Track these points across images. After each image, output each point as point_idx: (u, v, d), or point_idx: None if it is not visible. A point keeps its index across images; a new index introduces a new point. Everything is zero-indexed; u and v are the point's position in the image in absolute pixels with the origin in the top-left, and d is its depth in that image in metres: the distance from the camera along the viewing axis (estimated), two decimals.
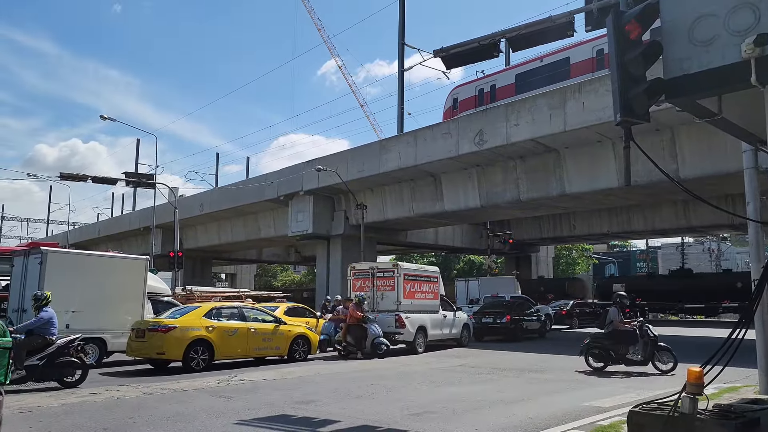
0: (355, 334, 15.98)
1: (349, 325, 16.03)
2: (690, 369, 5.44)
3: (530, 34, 9.71)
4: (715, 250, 58.95)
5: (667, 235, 46.53)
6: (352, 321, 16.02)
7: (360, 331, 15.96)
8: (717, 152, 17.69)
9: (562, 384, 11.13)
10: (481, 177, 24.67)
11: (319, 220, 30.74)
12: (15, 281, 13.88)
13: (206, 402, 8.99)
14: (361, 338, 15.94)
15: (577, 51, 24.16)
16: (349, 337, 16.03)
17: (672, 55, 4.83)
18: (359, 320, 15.91)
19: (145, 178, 32.26)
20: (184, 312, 13.69)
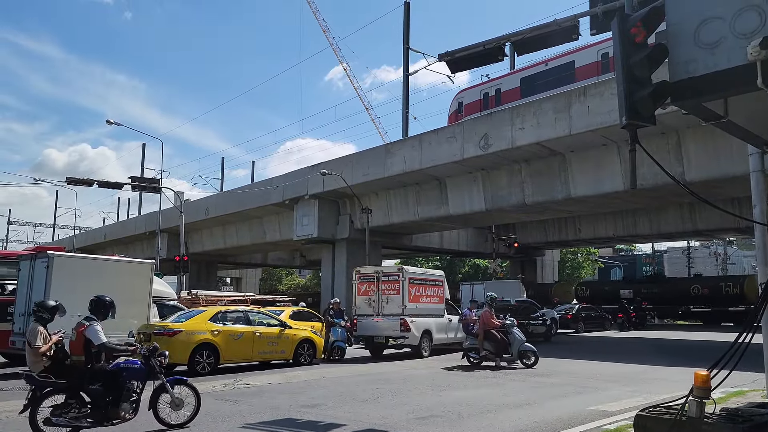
0: (495, 341, 14.69)
1: (487, 331, 14.73)
2: (697, 373, 5.42)
3: (535, 38, 9.75)
4: (722, 253, 58.68)
5: (673, 239, 46.35)
6: (490, 327, 14.72)
7: (500, 337, 14.70)
8: (723, 155, 17.64)
9: (568, 388, 11.09)
10: (486, 181, 24.65)
11: (324, 224, 30.76)
12: (21, 285, 13.93)
13: (212, 406, 8.99)
14: (502, 345, 14.68)
15: (582, 55, 24.15)
16: (487, 344, 14.71)
17: (677, 57, 4.82)
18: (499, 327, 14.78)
19: (151, 183, 32.40)
20: (190, 316, 13.73)
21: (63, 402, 6.75)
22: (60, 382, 6.80)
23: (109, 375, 6.99)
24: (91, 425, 6.78)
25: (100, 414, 6.80)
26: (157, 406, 7.34)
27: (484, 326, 14.81)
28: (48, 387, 6.78)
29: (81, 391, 6.83)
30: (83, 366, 7.01)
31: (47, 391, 6.77)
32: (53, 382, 6.79)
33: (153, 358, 7.25)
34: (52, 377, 6.82)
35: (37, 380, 6.75)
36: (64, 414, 6.63)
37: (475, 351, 14.93)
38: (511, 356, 14.64)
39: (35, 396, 6.73)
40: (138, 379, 7.15)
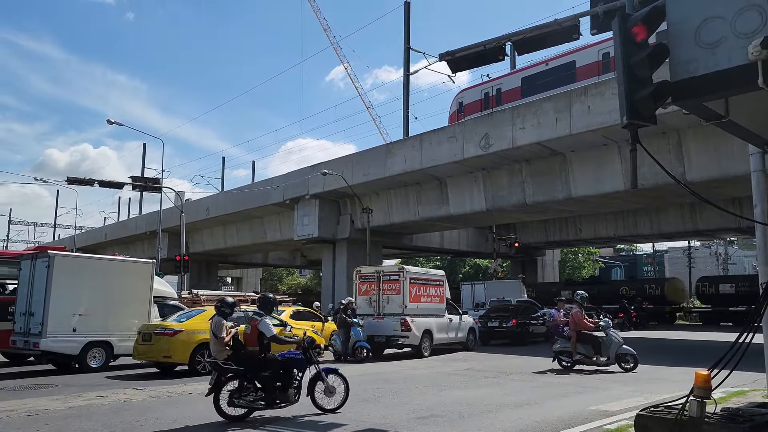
0: (590, 343, 13.90)
1: (580, 332, 13.95)
2: (697, 373, 5.42)
3: (536, 38, 9.75)
4: (722, 253, 58.65)
5: (674, 239, 46.32)
6: (582, 328, 13.95)
7: (593, 339, 13.91)
8: (724, 155, 17.63)
9: (569, 388, 11.09)
10: (487, 180, 24.64)
11: (325, 224, 30.76)
12: (22, 285, 13.94)
13: (211, 405, 8.98)
14: (595, 347, 13.88)
15: (583, 54, 24.15)
16: (581, 346, 13.95)
17: (678, 57, 4.82)
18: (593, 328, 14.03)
19: (152, 183, 32.40)
20: (191, 315, 13.72)
21: (238, 387, 7.76)
22: (239, 369, 7.79)
23: (278, 364, 8.01)
24: (263, 407, 7.85)
25: (270, 398, 7.85)
26: (314, 392, 8.23)
27: (576, 327, 13.94)
28: (229, 373, 7.78)
29: (255, 378, 7.83)
30: (257, 356, 7.94)
31: (228, 377, 7.78)
32: (234, 369, 7.78)
33: (311, 350, 8.22)
34: (233, 364, 7.81)
35: (222, 367, 7.75)
36: (243, 397, 7.73)
37: (568, 354, 13.99)
38: (607, 359, 13.71)
39: (219, 381, 7.74)
40: (299, 368, 8.13)
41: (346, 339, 16.58)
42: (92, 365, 13.53)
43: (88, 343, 13.55)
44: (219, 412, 7.72)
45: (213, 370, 7.84)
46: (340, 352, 16.48)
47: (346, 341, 16.55)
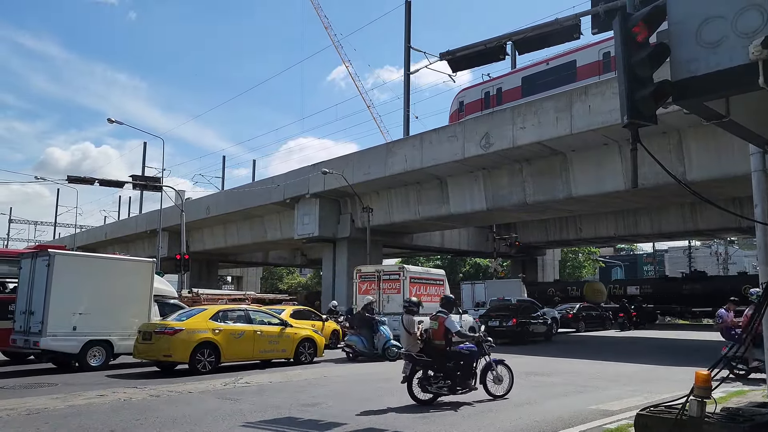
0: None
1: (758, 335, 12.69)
2: (698, 372, 5.41)
3: (537, 37, 9.73)
4: (723, 253, 58.63)
5: (674, 239, 46.30)
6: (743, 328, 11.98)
7: None
8: (724, 155, 17.63)
9: (568, 387, 11.09)
10: (487, 180, 24.64)
11: (325, 223, 30.78)
12: (23, 284, 13.93)
13: (212, 404, 9.00)
14: None
15: (584, 54, 24.13)
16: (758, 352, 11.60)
17: (679, 56, 4.82)
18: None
19: (152, 181, 32.34)
20: (191, 314, 13.72)
21: (424, 376, 9.07)
22: (428, 360, 9.10)
23: (460, 356, 9.29)
24: (447, 393, 9.13)
25: (454, 385, 9.14)
26: (485, 380, 9.51)
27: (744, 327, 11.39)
28: (420, 363, 9.10)
29: (441, 368, 9.10)
30: (443, 348, 9.22)
31: (419, 366, 9.10)
32: (424, 360, 9.10)
33: (483, 343, 9.63)
34: (424, 356, 9.13)
35: (414, 358, 9.15)
36: (432, 384, 9.04)
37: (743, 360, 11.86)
38: None
39: (413, 370, 9.12)
40: (475, 359, 9.45)
41: (369, 338, 16.27)
42: (92, 364, 13.52)
43: (88, 342, 13.54)
44: (411, 397, 8.98)
45: (407, 361, 9.31)
46: (364, 352, 16.15)
47: (370, 341, 16.26)
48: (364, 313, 16.66)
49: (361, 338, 16.27)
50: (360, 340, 16.24)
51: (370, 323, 16.34)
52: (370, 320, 16.37)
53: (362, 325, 16.50)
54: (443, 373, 9.11)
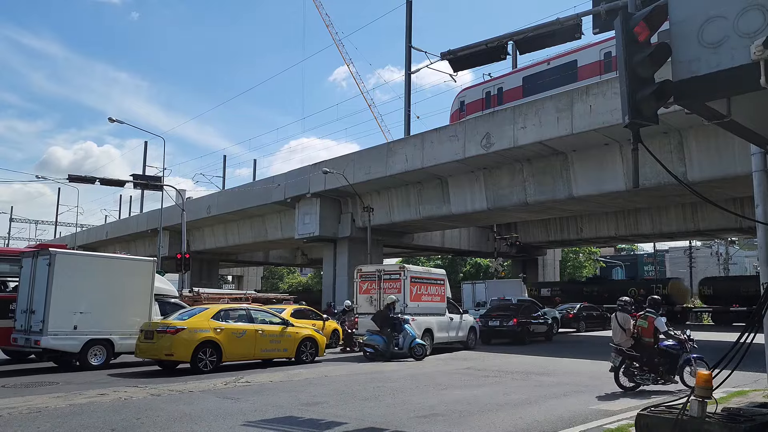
0: None
1: None
2: (699, 372, 5.42)
3: (538, 37, 9.70)
4: (723, 253, 58.59)
5: (675, 239, 46.28)
6: None
7: None
8: (726, 155, 17.62)
9: (569, 387, 11.10)
10: (488, 180, 24.64)
11: (326, 223, 30.77)
12: (24, 283, 13.95)
13: (213, 403, 9.01)
14: None
15: (585, 54, 24.12)
16: None
17: (681, 56, 4.82)
18: None
19: (153, 181, 32.36)
20: (192, 314, 13.73)
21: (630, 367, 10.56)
22: (636, 354, 10.55)
23: (667, 352, 10.60)
24: (649, 383, 10.51)
25: (656, 377, 10.50)
26: (683, 373, 10.59)
27: None
28: (630, 357, 10.56)
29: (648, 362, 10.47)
30: (651, 345, 10.58)
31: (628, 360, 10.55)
32: (633, 354, 10.56)
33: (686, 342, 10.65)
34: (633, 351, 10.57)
35: (625, 353, 10.59)
36: (638, 375, 10.51)
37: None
38: None
39: (621, 362, 10.61)
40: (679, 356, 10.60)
41: (389, 338, 16.16)
42: (93, 363, 13.53)
43: (89, 341, 13.55)
44: (618, 384, 10.53)
45: (616, 355, 10.67)
46: (386, 351, 16.04)
47: (390, 340, 16.15)
48: (387, 312, 16.51)
49: (383, 338, 16.16)
50: (383, 339, 16.13)
51: (394, 322, 16.27)
52: (395, 319, 16.29)
53: (385, 324, 16.34)
54: (648, 366, 10.43)
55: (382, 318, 16.44)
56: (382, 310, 16.83)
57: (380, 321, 16.44)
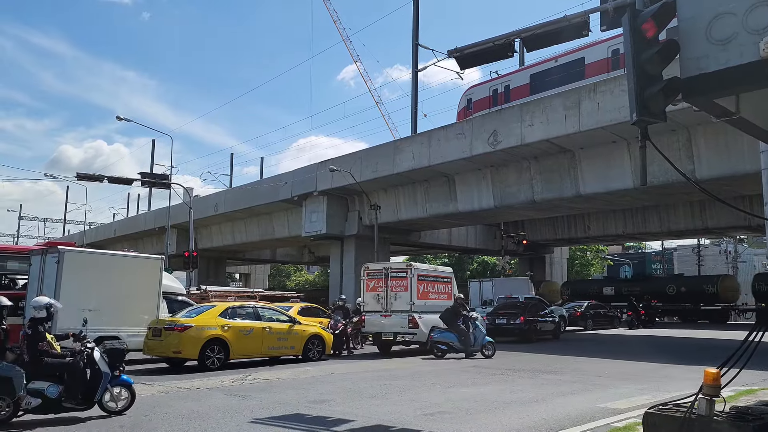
0: None
1: None
2: (707, 371, 5.39)
3: (545, 34, 9.68)
4: (732, 251, 58.24)
5: (683, 237, 46.08)
6: None
7: None
8: (734, 152, 17.52)
9: (576, 385, 11.07)
10: (495, 177, 24.60)
11: (333, 221, 30.80)
12: (32, 280, 14.04)
13: (221, 400, 9.05)
14: None
15: (592, 51, 24.01)
16: None
17: (689, 53, 4.79)
18: None
19: (161, 179, 32.51)
20: (200, 311, 13.79)
21: None
22: None
23: None
24: None
25: None
26: None
27: None
28: None
29: None
30: None
31: None
32: None
33: None
34: None
35: None
36: None
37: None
38: None
39: None
40: None
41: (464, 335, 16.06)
42: None
43: (98, 339, 13.60)
44: None
45: None
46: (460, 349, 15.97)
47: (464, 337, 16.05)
48: (458, 308, 16.37)
49: (456, 335, 16.11)
50: (456, 336, 16.09)
51: (465, 320, 16.18)
52: (467, 317, 16.20)
53: (454, 322, 16.21)
54: None
55: (452, 314, 16.34)
56: (452, 306, 16.66)
57: (451, 318, 16.36)
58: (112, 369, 7.87)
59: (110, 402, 7.89)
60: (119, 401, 7.96)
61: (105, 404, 7.85)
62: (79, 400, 7.58)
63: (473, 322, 16.26)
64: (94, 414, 7.86)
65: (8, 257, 15.31)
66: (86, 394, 7.62)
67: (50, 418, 7.58)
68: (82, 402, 7.62)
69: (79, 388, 7.54)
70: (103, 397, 7.80)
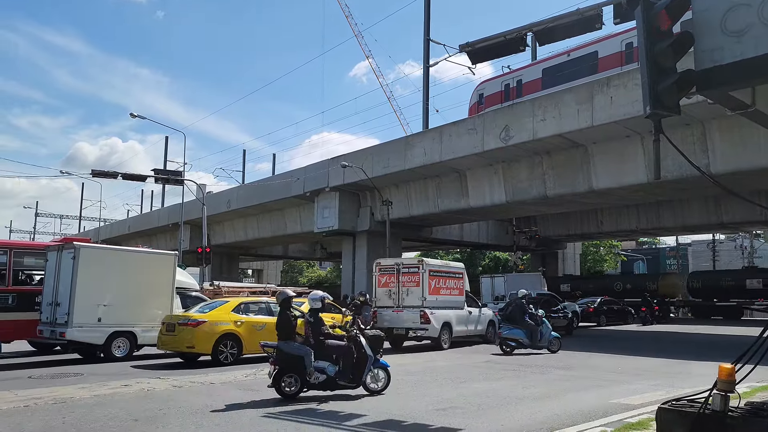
0: None
1: None
2: (721, 366, 5.34)
3: (557, 28, 9.63)
4: (748, 247, 57.64)
5: (698, 232, 45.63)
6: None
7: None
8: (750, 146, 17.31)
9: (588, 381, 11.02)
10: (507, 173, 24.50)
11: (345, 217, 30.85)
12: (49, 276, 14.20)
13: (234, 395, 9.11)
14: None
15: (606, 45, 23.80)
16: None
17: (703, 45, 4.74)
18: None
19: (174, 175, 32.70)
20: (213, 307, 13.87)
21: None
22: None
23: None
24: None
25: None
26: None
27: None
28: None
29: None
30: None
31: None
32: None
33: None
34: None
35: None
36: None
37: None
38: None
39: None
40: None
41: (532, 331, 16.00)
42: (117, 355, 13.76)
43: (113, 333, 13.78)
44: None
45: None
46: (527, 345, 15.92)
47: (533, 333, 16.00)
48: (524, 305, 16.30)
49: (525, 331, 16.02)
50: (524, 333, 16.01)
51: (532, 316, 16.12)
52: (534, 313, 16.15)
53: (522, 318, 16.14)
54: None
55: (520, 312, 16.24)
56: (518, 304, 16.47)
57: (518, 315, 16.26)
58: (374, 353, 9.10)
59: (371, 383, 9.14)
60: (378, 382, 9.21)
61: (367, 385, 9.08)
62: (350, 379, 8.92)
63: (540, 319, 16.26)
64: (360, 393, 9.07)
65: (25, 253, 15.48)
66: (355, 375, 8.93)
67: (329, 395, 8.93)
68: (352, 381, 8.95)
69: (351, 369, 8.89)
70: (366, 378, 9.03)
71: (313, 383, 8.72)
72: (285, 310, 9.25)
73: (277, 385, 8.67)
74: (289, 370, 8.72)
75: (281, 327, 9.07)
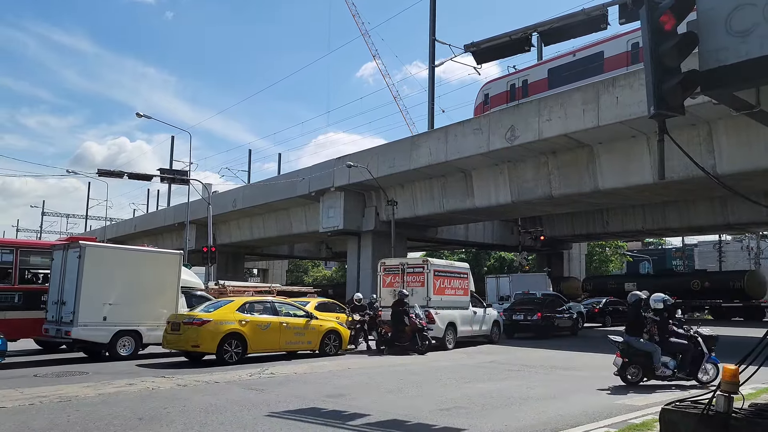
0: None
1: None
2: (725, 367, 5.33)
3: (563, 28, 9.62)
4: (754, 248, 57.32)
5: (704, 233, 45.41)
6: None
7: None
8: (756, 147, 17.24)
9: (593, 382, 11.00)
10: (512, 173, 24.46)
11: (350, 216, 30.87)
12: (54, 275, 14.27)
13: (238, 394, 9.13)
14: None
15: (611, 45, 23.73)
16: None
17: (708, 46, 4.73)
18: None
19: (180, 175, 32.79)
20: (218, 306, 13.90)
21: None
22: None
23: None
24: None
25: None
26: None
27: None
28: None
29: None
30: None
31: None
32: None
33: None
34: None
35: None
36: None
37: None
38: None
39: None
40: None
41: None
42: (122, 353, 13.80)
43: (118, 332, 13.82)
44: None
45: None
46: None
47: None
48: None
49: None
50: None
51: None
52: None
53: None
54: None
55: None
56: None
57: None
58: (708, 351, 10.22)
59: (702, 376, 10.19)
60: (708, 374, 10.23)
61: (699, 378, 10.18)
62: (686, 373, 10.16)
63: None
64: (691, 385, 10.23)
65: (31, 252, 15.56)
66: (692, 369, 10.15)
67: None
68: (689, 375, 10.18)
69: (689, 364, 10.12)
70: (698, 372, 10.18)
71: (659, 375, 10.10)
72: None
73: (623, 374, 10.22)
74: (634, 362, 10.22)
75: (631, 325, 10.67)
